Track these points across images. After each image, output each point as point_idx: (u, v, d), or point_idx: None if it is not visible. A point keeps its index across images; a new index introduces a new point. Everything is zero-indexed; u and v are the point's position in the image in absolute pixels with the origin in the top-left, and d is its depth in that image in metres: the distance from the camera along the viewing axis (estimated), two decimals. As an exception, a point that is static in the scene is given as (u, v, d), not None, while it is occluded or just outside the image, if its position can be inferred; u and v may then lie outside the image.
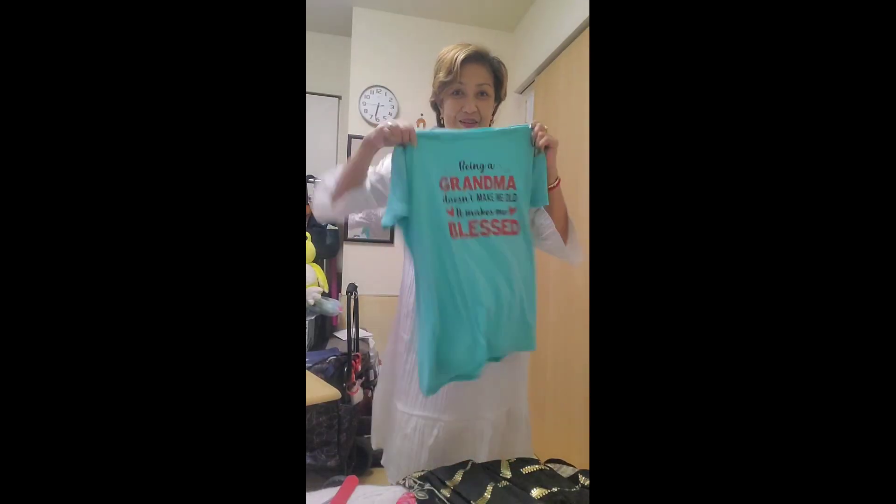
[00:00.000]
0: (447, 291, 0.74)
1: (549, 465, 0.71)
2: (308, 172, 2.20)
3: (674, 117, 0.31)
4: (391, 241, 2.22)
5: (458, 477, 0.63)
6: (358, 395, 1.72)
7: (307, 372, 1.38)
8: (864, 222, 0.28)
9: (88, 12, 0.29)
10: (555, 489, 0.61)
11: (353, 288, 1.83)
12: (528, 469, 0.68)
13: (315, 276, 1.99)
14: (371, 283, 2.12)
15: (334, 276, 2.35)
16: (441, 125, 0.89)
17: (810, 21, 0.29)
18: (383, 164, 0.84)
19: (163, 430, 0.30)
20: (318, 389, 1.21)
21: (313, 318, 1.92)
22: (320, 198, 0.81)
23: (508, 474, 0.66)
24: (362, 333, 1.94)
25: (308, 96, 2.43)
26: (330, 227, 2.21)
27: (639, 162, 0.32)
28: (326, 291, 2.08)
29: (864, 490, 0.26)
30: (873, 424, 0.27)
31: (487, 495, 0.59)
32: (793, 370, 0.28)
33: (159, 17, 0.31)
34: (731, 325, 0.29)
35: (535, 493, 0.60)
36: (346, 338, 1.80)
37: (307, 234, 2.05)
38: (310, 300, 1.86)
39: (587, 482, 0.65)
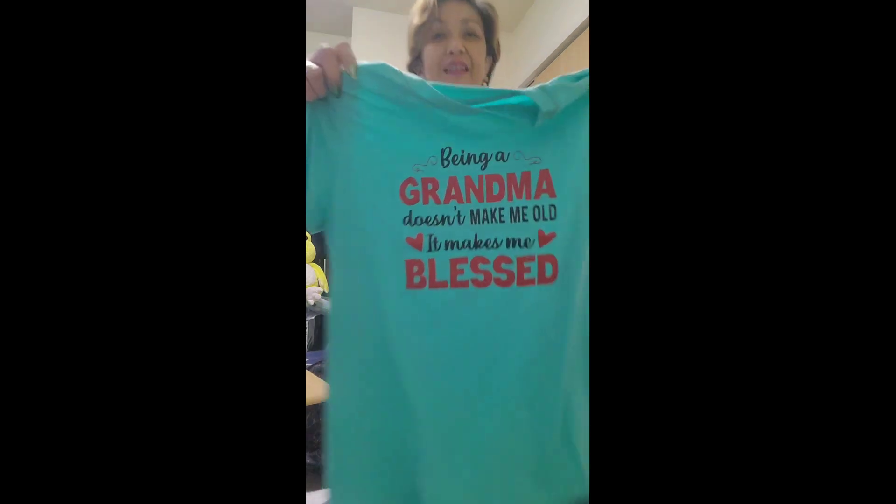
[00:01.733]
0: (378, 390, 0.40)
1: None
2: (308, 172, 2.19)
3: (674, 118, 0.31)
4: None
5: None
6: (358, 395, 1.72)
7: (307, 372, 1.38)
8: (865, 222, 0.28)
9: (87, 9, 0.29)
10: (555, 489, 0.61)
11: (353, 288, 1.82)
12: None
13: (315, 276, 1.99)
14: (371, 283, 2.11)
15: (334, 276, 2.34)
16: None
17: (812, 21, 0.29)
18: None
19: (162, 431, 0.30)
20: (318, 389, 1.21)
21: (313, 318, 1.92)
22: None
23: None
24: (362, 333, 1.93)
25: (308, 96, 2.42)
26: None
27: (639, 162, 0.32)
28: (326, 291, 2.08)
29: (866, 490, 0.27)
30: (875, 426, 0.27)
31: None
32: (794, 370, 0.28)
33: (157, 17, 0.31)
34: (732, 325, 0.29)
35: (535, 493, 0.60)
36: (346, 338, 1.80)
37: (307, 234, 2.05)
38: (310, 300, 1.86)
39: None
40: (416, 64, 0.63)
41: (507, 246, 0.40)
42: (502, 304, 0.39)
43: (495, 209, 0.41)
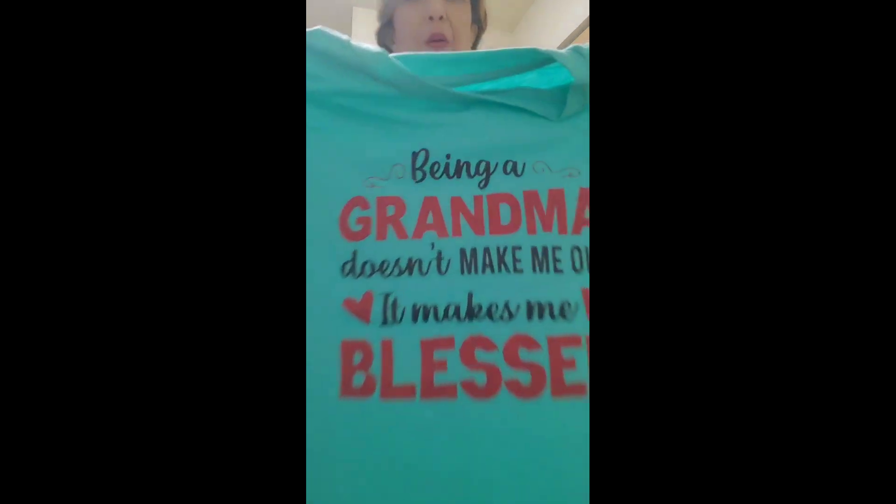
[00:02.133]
0: None
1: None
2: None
3: (674, 118, 0.31)
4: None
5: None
6: (358, 395, 1.71)
7: (307, 372, 1.37)
8: (865, 222, 0.28)
9: (87, 7, 0.29)
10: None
11: (353, 288, 1.82)
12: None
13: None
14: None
15: (334, 276, 2.34)
16: None
17: (813, 22, 0.29)
18: None
19: (160, 430, 0.30)
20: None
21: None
22: None
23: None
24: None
25: (308, 96, 2.41)
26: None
27: (639, 163, 0.32)
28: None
29: (868, 492, 0.26)
30: (876, 426, 0.27)
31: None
32: (797, 376, 0.28)
33: (155, 17, 0.31)
34: (736, 328, 0.29)
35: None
36: (346, 338, 1.79)
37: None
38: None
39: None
40: (385, 31, 0.50)
41: (529, 316, 0.22)
42: (524, 436, 0.20)
43: (504, 248, 0.23)
